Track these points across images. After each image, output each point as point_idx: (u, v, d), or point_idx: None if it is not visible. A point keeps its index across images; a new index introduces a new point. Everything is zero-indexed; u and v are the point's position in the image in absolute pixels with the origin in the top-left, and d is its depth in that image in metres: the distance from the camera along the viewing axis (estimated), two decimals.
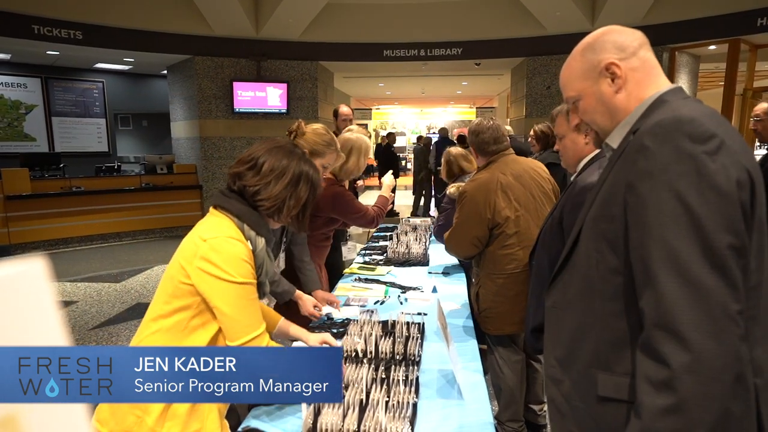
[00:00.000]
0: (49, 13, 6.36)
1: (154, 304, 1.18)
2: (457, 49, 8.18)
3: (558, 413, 1.01)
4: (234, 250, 1.14)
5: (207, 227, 1.18)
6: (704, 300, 0.72)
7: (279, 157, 1.22)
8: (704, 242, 0.73)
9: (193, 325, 1.15)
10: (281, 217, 1.24)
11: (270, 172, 1.21)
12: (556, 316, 1.02)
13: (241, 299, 1.14)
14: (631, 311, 0.85)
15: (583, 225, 0.95)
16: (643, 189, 0.79)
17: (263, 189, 1.20)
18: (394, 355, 1.61)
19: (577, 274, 0.96)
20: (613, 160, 0.92)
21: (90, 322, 4.06)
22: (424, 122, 19.16)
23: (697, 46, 7.01)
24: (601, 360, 0.89)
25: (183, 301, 1.14)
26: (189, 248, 1.16)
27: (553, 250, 1.58)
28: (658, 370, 0.74)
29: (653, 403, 0.74)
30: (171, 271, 1.18)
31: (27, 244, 6.48)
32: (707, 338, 0.71)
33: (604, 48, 0.94)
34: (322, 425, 1.20)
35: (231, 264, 1.12)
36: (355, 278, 2.61)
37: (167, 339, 1.14)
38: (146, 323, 1.18)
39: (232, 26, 7.44)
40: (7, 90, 8.56)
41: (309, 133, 1.93)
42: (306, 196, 1.25)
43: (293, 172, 1.22)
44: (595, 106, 0.97)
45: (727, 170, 0.75)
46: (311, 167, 1.27)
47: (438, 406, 1.38)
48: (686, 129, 0.77)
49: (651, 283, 0.77)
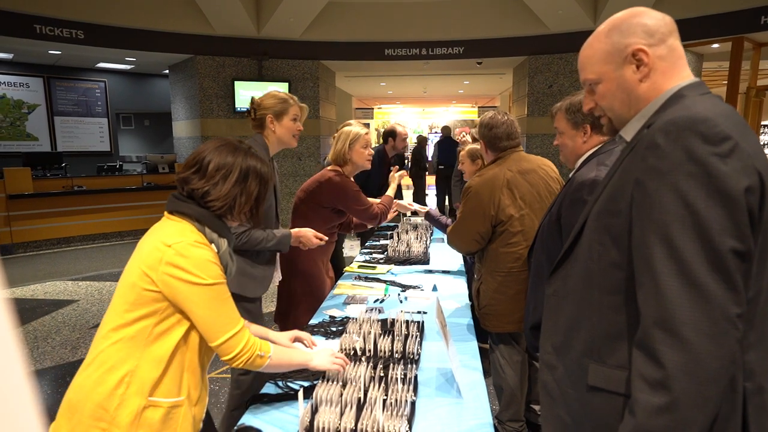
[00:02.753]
0: (51, 12, 6.37)
1: (112, 314, 1.14)
2: (458, 48, 8.16)
3: (549, 397, 1.02)
4: (200, 253, 1.13)
5: (168, 233, 1.15)
6: (705, 301, 0.72)
7: (223, 155, 1.21)
8: (708, 244, 0.73)
9: (157, 331, 1.12)
10: (234, 215, 1.22)
11: (216, 171, 1.19)
12: (556, 304, 1.02)
13: (215, 300, 1.13)
14: (629, 306, 0.85)
15: (588, 217, 0.95)
16: (651, 187, 0.78)
17: (212, 189, 1.18)
18: (392, 354, 1.60)
19: (578, 265, 0.96)
20: (624, 153, 0.90)
21: (91, 320, 4.06)
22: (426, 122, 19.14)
23: (700, 45, 6.97)
24: (594, 351, 0.90)
25: (147, 308, 1.11)
26: (152, 255, 1.12)
27: (551, 247, 1.57)
28: (654, 368, 0.75)
29: (648, 401, 0.75)
30: (131, 279, 1.13)
31: (29, 243, 6.49)
32: (705, 340, 0.71)
33: (632, 31, 0.89)
34: (319, 423, 1.19)
35: (200, 267, 1.11)
36: (356, 277, 2.60)
37: (129, 348, 1.11)
38: (105, 335, 1.13)
39: (234, 25, 7.44)
40: (10, 89, 8.59)
41: (264, 99, 2.00)
42: (257, 190, 1.23)
43: (240, 168, 1.20)
44: (615, 92, 0.93)
45: (738, 174, 0.74)
46: (258, 161, 1.25)
47: (436, 405, 1.37)
48: (699, 129, 0.76)
49: (652, 281, 0.76)
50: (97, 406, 1.08)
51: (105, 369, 1.10)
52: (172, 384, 1.12)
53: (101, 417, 1.07)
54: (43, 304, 4.46)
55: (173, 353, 1.13)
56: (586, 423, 0.92)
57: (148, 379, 1.10)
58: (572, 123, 1.61)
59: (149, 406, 1.09)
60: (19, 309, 4.35)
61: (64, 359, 3.32)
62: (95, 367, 1.11)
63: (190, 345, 1.16)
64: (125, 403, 1.08)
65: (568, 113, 1.62)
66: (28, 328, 3.88)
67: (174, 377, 1.13)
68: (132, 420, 1.07)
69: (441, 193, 8.74)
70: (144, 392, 1.09)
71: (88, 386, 1.10)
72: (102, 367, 1.10)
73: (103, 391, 1.08)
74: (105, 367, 1.10)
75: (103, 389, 1.08)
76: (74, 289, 4.94)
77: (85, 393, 1.10)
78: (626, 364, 0.85)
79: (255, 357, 1.17)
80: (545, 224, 1.62)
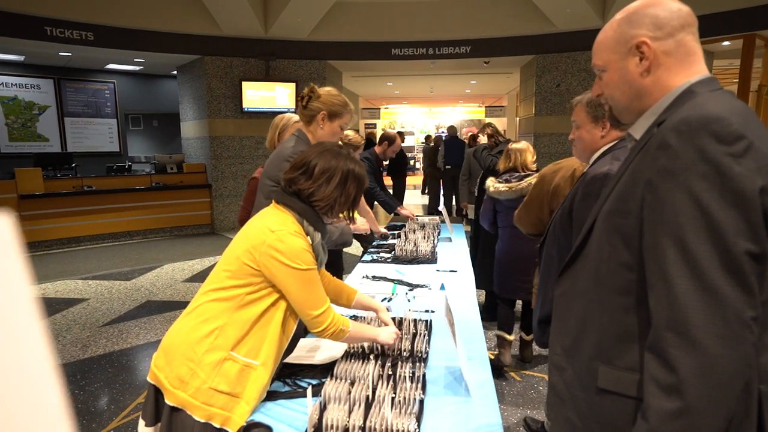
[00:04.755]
0: (62, 14, 6.44)
1: (214, 276, 1.34)
2: (465, 47, 8.13)
3: (558, 399, 1.01)
4: (298, 243, 1.30)
5: (274, 220, 1.33)
6: (719, 305, 0.71)
7: (328, 159, 1.36)
8: (722, 247, 0.71)
9: (247, 299, 1.29)
10: (334, 213, 1.40)
11: (321, 174, 1.35)
12: (565, 305, 1.01)
13: (307, 283, 1.31)
14: (640, 307, 0.83)
15: (597, 216, 0.93)
16: (663, 188, 0.76)
17: (317, 191, 1.35)
18: (401, 352, 1.60)
19: (588, 265, 0.94)
20: (634, 152, 0.89)
21: (101, 319, 4.10)
22: (432, 122, 19.10)
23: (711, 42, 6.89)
24: (604, 353, 0.88)
25: (243, 279, 1.29)
26: (257, 236, 1.30)
27: (561, 241, 1.57)
28: (667, 373, 0.73)
29: (661, 406, 0.73)
30: (236, 251, 1.32)
31: (40, 242, 6.57)
32: (720, 343, 0.70)
33: (641, 22, 0.87)
34: (327, 421, 1.20)
35: (296, 254, 1.29)
36: (363, 276, 2.60)
37: (223, 307, 1.29)
38: (205, 292, 1.33)
39: (241, 26, 7.47)
40: (21, 91, 8.69)
41: (324, 95, 1.92)
42: (354, 192, 1.40)
43: (342, 172, 1.36)
44: (618, 82, 0.92)
45: (752, 174, 0.72)
46: (357, 164, 1.40)
47: (445, 403, 1.36)
48: (713, 128, 0.74)
49: (664, 284, 0.75)
50: (189, 347, 1.27)
51: (201, 320, 1.29)
52: (251, 347, 1.29)
53: (191, 357, 1.26)
54: (53, 303, 4.51)
55: (257, 320, 1.30)
56: (594, 425, 0.91)
57: (233, 336, 1.27)
58: (592, 116, 1.59)
59: (229, 359, 1.26)
60: None
61: (75, 357, 3.35)
62: (194, 316, 1.31)
63: (274, 319, 1.32)
64: (211, 351, 1.26)
65: (588, 106, 1.59)
66: None
67: (255, 341, 1.29)
68: (214, 366, 1.24)
69: (448, 192, 8.71)
70: (227, 346, 1.26)
71: (186, 330, 1.30)
72: (199, 318, 1.30)
73: (197, 336, 1.27)
74: (201, 318, 1.29)
75: (197, 335, 1.27)
76: (84, 288, 4.99)
77: (183, 335, 1.30)
78: (636, 367, 0.83)
79: (339, 331, 1.37)
80: (557, 218, 1.61)
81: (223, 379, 1.25)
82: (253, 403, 1.28)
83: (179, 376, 1.26)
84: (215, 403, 1.23)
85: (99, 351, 3.46)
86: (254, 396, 1.28)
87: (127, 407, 2.69)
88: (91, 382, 3.01)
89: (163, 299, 4.60)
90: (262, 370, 1.30)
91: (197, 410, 1.23)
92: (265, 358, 1.31)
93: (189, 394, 1.24)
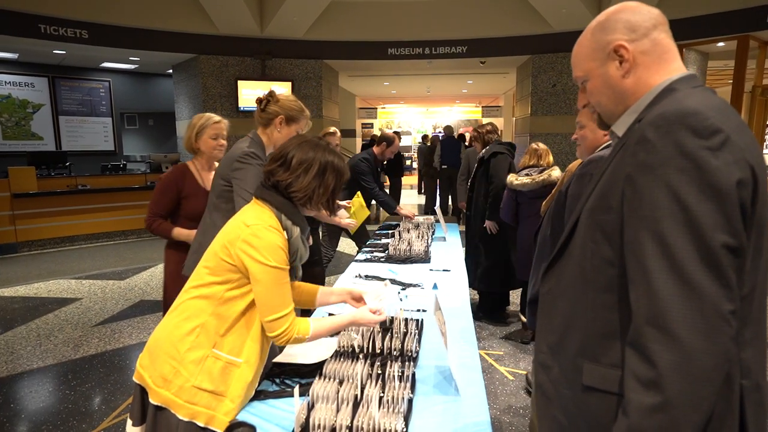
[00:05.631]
0: (56, 12, 6.41)
1: (196, 273, 1.34)
2: (462, 47, 8.14)
3: (544, 398, 1.00)
4: (272, 238, 1.27)
5: (251, 215, 1.31)
6: (697, 298, 0.71)
7: (305, 150, 1.35)
8: (700, 240, 0.72)
9: (227, 296, 1.29)
10: (312, 205, 1.37)
11: (299, 165, 1.33)
12: (550, 303, 1.01)
13: (273, 282, 1.27)
14: (623, 304, 0.83)
15: (581, 214, 0.94)
16: (641, 182, 0.77)
17: (294, 182, 1.33)
18: (391, 351, 1.59)
19: (572, 262, 0.94)
20: (616, 149, 0.89)
21: (93, 318, 4.07)
22: (429, 121, 19.12)
23: (706, 43, 6.92)
24: (588, 350, 0.88)
25: (221, 276, 1.29)
26: (234, 231, 1.30)
27: (555, 223, 1.69)
28: (646, 367, 0.73)
29: (641, 401, 0.73)
30: (215, 248, 1.32)
31: (33, 241, 6.53)
32: (698, 337, 0.70)
33: (614, 28, 0.90)
34: (315, 420, 1.19)
35: (269, 250, 1.26)
36: (356, 275, 2.59)
37: (204, 304, 1.29)
38: (187, 289, 1.34)
39: (237, 25, 7.46)
40: (15, 89, 8.65)
41: (283, 100, 2.00)
42: (333, 183, 1.37)
43: (320, 163, 1.34)
44: (602, 88, 0.94)
45: (729, 168, 0.73)
46: (335, 156, 1.38)
47: (434, 403, 1.36)
48: (689, 122, 0.75)
49: (643, 279, 0.75)
50: (172, 345, 1.27)
51: (183, 317, 1.29)
52: (234, 344, 1.28)
53: (174, 356, 1.26)
54: (46, 302, 4.48)
55: (238, 318, 1.29)
56: (581, 423, 0.91)
57: (215, 333, 1.27)
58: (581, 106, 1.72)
59: (211, 356, 1.25)
60: (23, 307, 4.37)
61: (67, 357, 3.33)
62: (177, 313, 1.31)
63: (256, 317, 1.31)
64: (194, 349, 1.25)
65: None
66: (31, 326, 3.90)
67: (237, 339, 1.29)
68: (196, 364, 1.24)
69: (444, 192, 8.72)
70: (209, 344, 1.26)
71: (169, 328, 1.30)
72: (181, 316, 1.30)
73: (179, 334, 1.27)
74: (183, 316, 1.29)
75: (179, 333, 1.27)
76: (77, 288, 4.96)
77: (166, 333, 1.30)
78: (620, 363, 0.83)
79: (294, 339, 1.32)
80: (553, 203, 1.72)
81: (206, 377, 1.24)
82: (239, 401, 1.27)
83: (162, 375, 1.25)
84: (199, 401, 1.23)
85: (91, 351, 3.44)
86: (239, 394, 1.27)
87: (118, 407, 2.68)
88: (82, 382, 2.99)
89: (156, 299, 4.57)
90: (246, 367, 1.29)
91: (181, 409, 1.22)
92: (248, 355, 1.30)
93: (172, 393, 1.23)
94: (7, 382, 2.98)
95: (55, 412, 2.63)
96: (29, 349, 3.46)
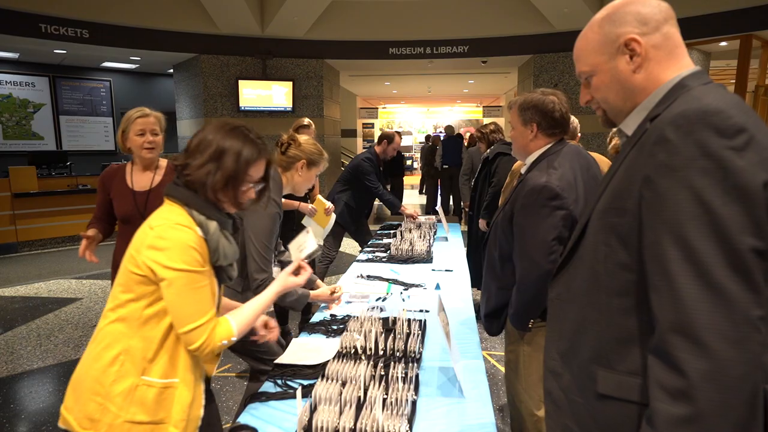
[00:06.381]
0: (56, 11, 6.40)
1: (111, 293, 1.19)
2: (463, 46, 8.12)
3: (555, 406, 0.98)
4: (180, 236, 1.11)
5: (157, 216, 1.17)
6: (726, 305, 0.68)
7: (207, 132, 1.20)
8: (726, 244, 0.68)
9: (147, 314, 1.14)
10: (208, 191, 1.17)
11: (196, 148, 1.19)
12: (560, 308, 0.98)
13: (186, 287, 1.11)
14: (641, 309, 0.80)
15: (590, 216, 0.90)
16: (663, 185, 0.74)
17: (191, 163, 1.18)
18: (394, 352, 1.58)
19: (582, 266, 0.91)
20: (627, 148, 0.86)
21: (94, 319, 4.06)
22: (430, 121, 19.10)
23: (708, 43, 6.90)
24: (602, 356, 0.85)
25: (134, 292, 1.14)
26: (138, 236, 1.16)
27: (503, 244, 1.65)
28: (674, 377, 0.70)
29: (668, 411, 0.70)
30: (124, 261, 1.17)
31: (34, 241, 6.52)
32: (728, 345, 0.67)
33: (624, 20, 0.86)
34: (317, 423, 1.17)
35: (176, 251, 1.10)
36: (358, 275, 2.57)
37: (123, 328, 1.15)
38: (104, 314, 1.18)
39: (238, 24, 7.44)
40: (16, 89, 8.64)
41: (305, 143, 1.96)
42: (232, 169, 1.17)
43: (217, 145, 1.17)
44: (609, 84, 0.90)
45: (755, 168, 0.70)
46: (243, 143, 1.19)
47: (438, 404, 1.34)
48: (712, 121, 0.71)
49: (667, 285, 0.72)
50: (94, 380, 1.13)
51: (102, 346, 1.14)
52: (166, 366, 1.14)
53: (98, 391, 1.12)
54: (46, 302, 4.47)
55: (164, 336, 1.15)
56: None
57: (141, 359, 1.13)
58: (522, 120, 1.67)
59: (142, 385, 1.12)
60: (23, 307, 4.35)
61: (67, 357, 3.32)
62: (96, 344, 1.16)
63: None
64: (119, 380, 1.12)
65: (520, 109, 1.67)
66: (31, 326, 3.88)
67: (168, 359, 1.15)
68: (125, 397, 1.11)
69: (445, 192, 8.70)
70: (137, 371, 1.12)
71: (89, 362, 1.15)
72: (100, 345, 1.15)
73: (100, 366, 1.13)
74: (102, 345, 1.14)
75: (100, 365, 1.13)
76: (78, 287, 4.95)
77: (86, 368, 1.15)
78: (639, 370, 0.80)
79: (219, 348, 1.16)
80: (499, 220, 1.67)
81: (139, 409, 1.11)
82: (183, 425, 1.16)
83: (88, 415, 1.11)
84: None
85: None
86: (182, 418, 1.15)
87: None
88: None
89: None
90: (183, 388, 1.16)
91: None
92: (183, 374, 1.17)
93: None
94: (7, 383, 2.97)
95: (55, 412, 2.61)
96: (29, 349, 3.44)
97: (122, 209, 2.20)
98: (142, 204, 2.17)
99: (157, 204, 1.88)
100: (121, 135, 2.18)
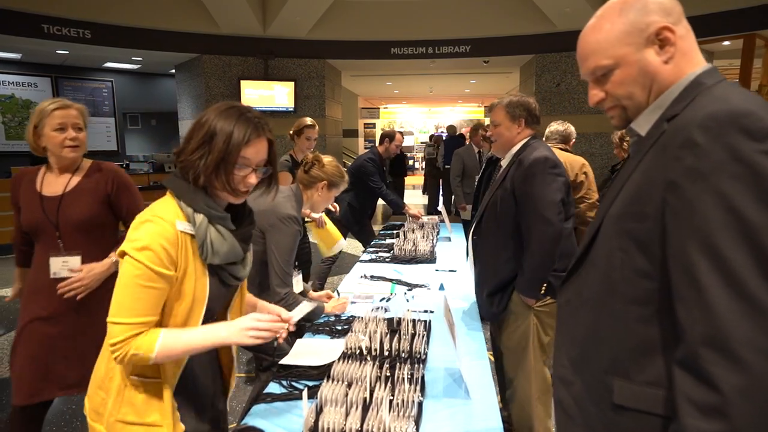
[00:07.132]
0: (59, 12, 6.40)
1: None
2: (465, 46, 8.11)
3: (565, 415, 0.94)
4: (152, 229, 1.04)
5: (148, 207, 1.12)
6: (761, 317, 0.65)
7: (203, 114, 1.12)
8: (760, 253, 0.66)
9: None
10: (200, 177, 1.09)
11: (191, 131, 1.11)
12: (570, 314, 0.94)
13: (133, 278, 1.02)
14: (662, 318, 0.77)
15: (603, 220, 0.87)
16: (690, 191, 0.70)
17: (184, 149, 1.10)
18: (399, 353, 1.57)
19: (595, 272, 0.88)
20: (644, 149, 0.82)
21: None
22: (432, 121, 19.08)
23: (711, 42, 6.88)
24: (619, 366, 0.82)
25: None
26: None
27: (506, 219, 1.87)
28: (706, 392, 0.67)
29: (700, 428, 0.67)
30: None
31: None
32: (765, 359, 0.64)
33: (648, 9, 0.81)
34: (324, 424, 1.16)
35: (142, 241, 1.02)
36: (362, 275, 2.57)
37: None
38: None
39: (240, 24, 7.44)
40: (18, 89, 8.65)
41: (328, 165, 2.02)
42: (222, 150, 1.07)
43: (210, 126, 1.08)
44: (636, 77, 0.83)
45: None
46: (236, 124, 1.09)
47: (444, 406, 1.34)
48: (743, 123, 0.68)
49: (696, 296, 0.69)
50: (101, 371, 1.15)
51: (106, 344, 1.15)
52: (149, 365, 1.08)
53: (101, 384, 1.13)
54: None
55: None
56: None
57: None
58: (510, 116, 1.94)
59: (129, 384, 1.11)
60: None
61: None
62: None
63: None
64: (114, 377, 1.11)
65: (508, 107, 1.94)
66: None
67: None
68: (117, 394, 1.10)
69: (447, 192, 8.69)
70: (126, 370, 1.11)
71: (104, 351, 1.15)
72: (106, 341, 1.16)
73: (105, 357, 1.14)
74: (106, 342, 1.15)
75: (105, 356, 1.14)
76: None
77: (101, 355, 1.17)
78: (660, 381, 0.77)
79: (130, 354, 1.03)
80: (498, 199, 1.90)
81: (129, 409, 1.08)
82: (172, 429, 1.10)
83: (94, 407, 1.13)
84: None
85: None
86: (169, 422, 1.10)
87: None
88: None
89: None
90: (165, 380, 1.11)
91: None
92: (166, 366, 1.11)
93: (105, 428, 1.10)
94: (8, 383, 2.96)
95: (59, 413, 2.61)
96: None
97: (28, 218, 1.74)
98: (52, 211, 1.72)
99: (72, 212, 1.73)
100: (32, 131, 1.74)
